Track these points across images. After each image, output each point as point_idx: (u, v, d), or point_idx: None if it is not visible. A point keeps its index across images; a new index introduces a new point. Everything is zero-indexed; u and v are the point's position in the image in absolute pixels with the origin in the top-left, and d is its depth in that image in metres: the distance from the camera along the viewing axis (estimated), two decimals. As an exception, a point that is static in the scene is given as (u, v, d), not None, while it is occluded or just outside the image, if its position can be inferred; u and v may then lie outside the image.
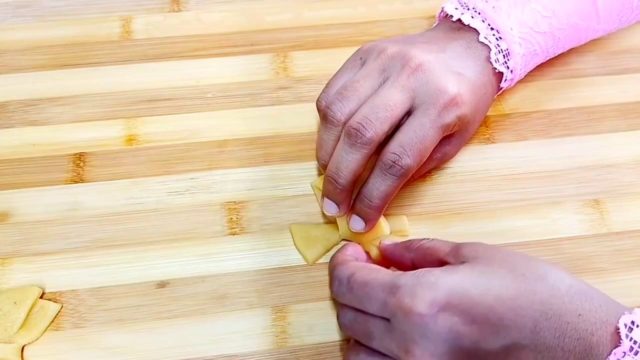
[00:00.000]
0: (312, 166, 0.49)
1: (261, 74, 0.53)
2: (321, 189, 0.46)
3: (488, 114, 0.51)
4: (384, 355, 0.36)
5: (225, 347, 0.42)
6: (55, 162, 0.49)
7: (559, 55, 0.53)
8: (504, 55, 0.46)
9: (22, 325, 0.42)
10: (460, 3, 0.47)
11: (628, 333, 0.33)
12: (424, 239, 0.39)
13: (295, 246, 0.45)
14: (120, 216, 0.46)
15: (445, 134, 0.43)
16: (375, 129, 0.40)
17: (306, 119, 0.51)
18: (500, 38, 0.46)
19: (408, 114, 0.42)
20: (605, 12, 0.49)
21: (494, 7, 0.46)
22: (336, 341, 0.42)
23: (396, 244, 0.40)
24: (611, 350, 0.33)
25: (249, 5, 0.57)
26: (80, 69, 0.53)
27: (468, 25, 0.46)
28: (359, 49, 0.45)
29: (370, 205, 0.42)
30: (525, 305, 0.34)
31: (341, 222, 0.44)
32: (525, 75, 0.53)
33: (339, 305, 0.39)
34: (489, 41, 0.45)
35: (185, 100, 0.52)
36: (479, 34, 0.45)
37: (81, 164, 0.49)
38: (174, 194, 0.47)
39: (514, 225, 0.46)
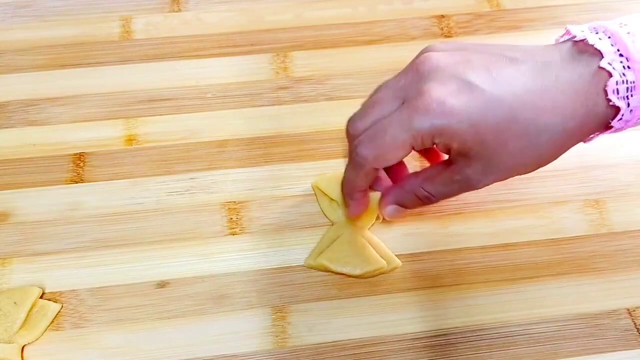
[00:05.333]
0: (312, 166, 0.49)
1: (261, 74, 0.53)
2: (321, 189, 0.46)
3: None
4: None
5: (225, 347, 0.42)
6: (55, 162, 0.49)
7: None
8: (627, 89, 0.37)
9: (22, 325, 0.42)
10: (590, 28, 0.38)
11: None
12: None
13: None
14: (120, 216, 0.46)
15: (422, 143, 0.38)
16: (356, 126, 0.41)
17: (306, 119, 0.51)
18: (629, 67, 0.37)
19: None
20: None
21: (629, 32, 0.37)
22: (336, 341, 0.42)
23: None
24: None
25: (249, 5, 0.57)
26: (80, 69, 0.53)
27: (592, 46, 0.37)
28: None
29: (344, 190, 0.43)
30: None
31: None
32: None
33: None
34: (613, 67, 0.37)
35: (185, 100, 0.52)
36: (602, 57, 0.37)
37: (81, 164, 0.49)
38: (174, 194, 0.47)
39: (514, 225, 0.46)
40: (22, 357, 0.41)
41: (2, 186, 0.48)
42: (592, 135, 0.40)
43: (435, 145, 0.38)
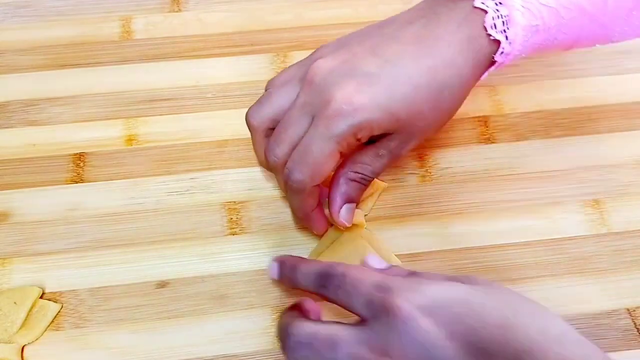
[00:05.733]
0: (312, 166, 0.49)
1: (261, 74, 0.53)
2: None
3: (487, 114, 0.51)
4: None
5: (225, 347, 0.42)
6: (55, 162, 0.49)
7: (558, 55, 0.53)
8: (503, 22, 0.40)
9: (22, 325, 0.42)
10: None
11: None
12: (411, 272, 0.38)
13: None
14: (120, 216, 0.46)
15: (347, 145, 0.40)
16: (276, 154, 0.41)
17: (306, 119, 0.51)
18: (501, 3, 0.40)
19: None
20: (613, 5, 0.44)
21: None
22: (336, 341, 0.42)
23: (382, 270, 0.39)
24: None
25: (249, 5, 0.57)
26: (80, 69, 0.53)
27: None
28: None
29: (298, 217, 0.44)
30: (511, 337, 0.32)
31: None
32: (525, 75, 0.53)
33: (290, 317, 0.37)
34: (487, 5, 0.40)
35: (185, 100, 0.52)
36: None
37: (81, 164, 0.49)
38: (174, 194, 0.47)
39: (514, 225, 0.46)
40: (22, 357, 0.41)
41: (2, 186, 0.48)
42: (484, 76, 0.42)
43: (358, 141, 0.40)
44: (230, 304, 0.43)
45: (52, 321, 0.42)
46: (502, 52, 0.41)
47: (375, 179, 0.46)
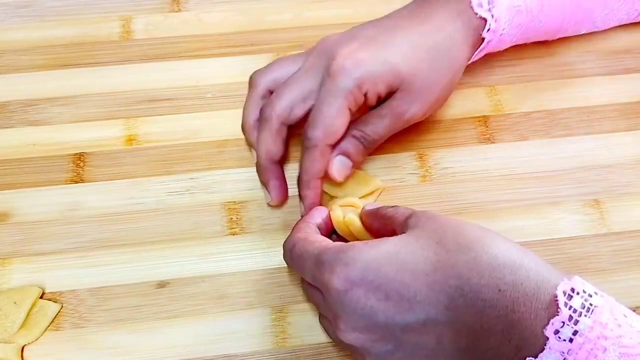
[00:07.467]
0: (312, 166, 0.49)
1: (261, 74, 0.53)
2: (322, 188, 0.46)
3: (487, 114, 0.51)
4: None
5: (225, 347, 0.42)
6: (55, 162, 0.49)
7: (558, 55, 0.53)
8: (488, 2, 0.44)
9: (22, 325, 0.42)
10: None
11: (567, 301, 0.31)
12: (391, 206, 0.40)
13: None
14: (120, 216, 0.46)
15: (355, 100, 0.42)
16: (273, 105, 0.43)
17: (306, 119, 0.51)
18: None
19: None
20: None
21: None
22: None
23: (370, 211, 0.41)
24: (548, 321, 0.31)
25: (249, 5, 0.57)
26: (80, 69, 0.53)
27: None
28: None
29: (301, 181, 0.44)
30: (441, 280, 0.33)
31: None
32: (525, 75, 0.53)
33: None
34: None
35: (185, 100, 0.52)
36: None
37: (81, 164, 0.49)
38: (174, 194, 0.47)
39: (514, 225, 0.46)
40: (22, 357, 0.41)
41: (2, 186, 0.48)
42: (477, 52, 0.47)
43: (365, 97, 0.43)
44: (230, 304, 0.43)
45: (52, 321, 0.42)
46: (489, 29, 0.45)
47: (375, 179, 0.47)
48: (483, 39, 0.46)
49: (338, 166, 0.44)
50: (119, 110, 0.51)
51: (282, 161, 0.46)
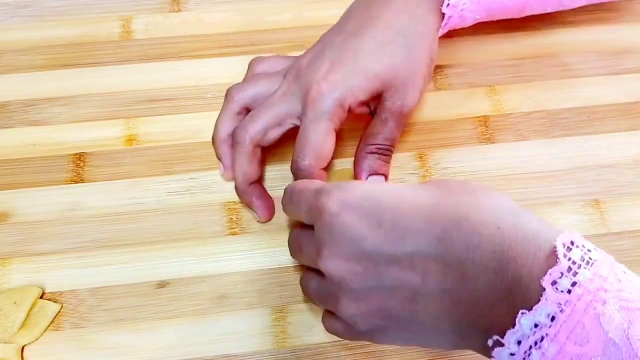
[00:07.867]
0: (312, 166, 0.49)
1: (261, 74, 0.53)
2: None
3: (487, 114, 0.51)
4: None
5: (225, 347, 0.42)
6: (55, 162, 0.49)
7: (557, 55, 0.53)
8: None
9: (22, 325, 0.42)
10: None
11: (566, 253, 0.30)
12: None
13: None
14: (120, 216, 0.46)
15: (339, 119, 0.43)
16: (247, 129, 0.44)
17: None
18: None
19: None
20: None
21: None
22: (336, 341, 0.42)
23: None
24: (545, 272, 0.30)
25: (249, 5, 0.57)
26: (80, 69, 0.53)
27: None
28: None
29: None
30: (440, 213, 0.33)
31: None
32: (525, 75, 0.53)
33: (290, 234, 0.40)
34: None
35: (185, 100, 0.52)
36: None
37: (81, 164, 0.49)
38: (174, 194, 0.47)
39: (514, 225, 0.46)
40: (22, 357, 0.41)
41: (2, 186, 0.48)
42: (442, 29, 0.46)
43: (349, 111, 0.43)
44: (230, 304, 0.43)
45: (52, 321, 0.42)
46: (448, 5, 0.44)
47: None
48: (443, 15, 0.45)
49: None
50: (119, 110, 0.51)
51: (259, 180, 0.46)
